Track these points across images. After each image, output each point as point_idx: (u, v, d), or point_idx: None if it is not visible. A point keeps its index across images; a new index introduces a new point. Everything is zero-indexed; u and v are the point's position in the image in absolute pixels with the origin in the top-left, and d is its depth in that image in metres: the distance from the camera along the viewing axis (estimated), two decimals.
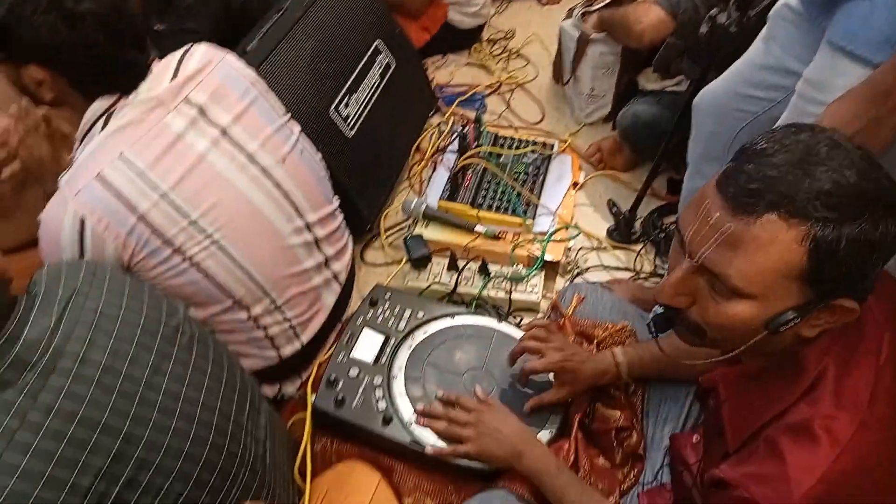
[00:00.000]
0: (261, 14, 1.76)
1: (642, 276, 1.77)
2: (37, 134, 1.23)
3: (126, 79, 1.15)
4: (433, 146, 2.07)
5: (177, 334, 0.96)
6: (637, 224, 1.87)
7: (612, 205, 1.93)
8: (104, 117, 1.15)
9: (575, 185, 1.90)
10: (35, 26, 1.04)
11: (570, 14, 2.14)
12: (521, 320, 1.64)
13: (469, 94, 2.31)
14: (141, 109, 1.14)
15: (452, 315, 1.39)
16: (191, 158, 1.16)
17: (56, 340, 0.84)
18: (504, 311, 1.64)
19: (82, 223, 1.07)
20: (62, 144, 1.30)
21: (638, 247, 1.85)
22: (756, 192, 0.71)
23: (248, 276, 1.23)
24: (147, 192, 1.10)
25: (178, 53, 1.23)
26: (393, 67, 1.97)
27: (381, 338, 1.33)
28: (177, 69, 1.19)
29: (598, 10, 1.96)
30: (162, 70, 1.18)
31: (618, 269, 1.80)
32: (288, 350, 1.34)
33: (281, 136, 1.30)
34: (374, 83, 1.90)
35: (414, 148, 2.06)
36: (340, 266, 1.44)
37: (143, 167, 1.10)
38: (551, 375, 1.23)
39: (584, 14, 2.03)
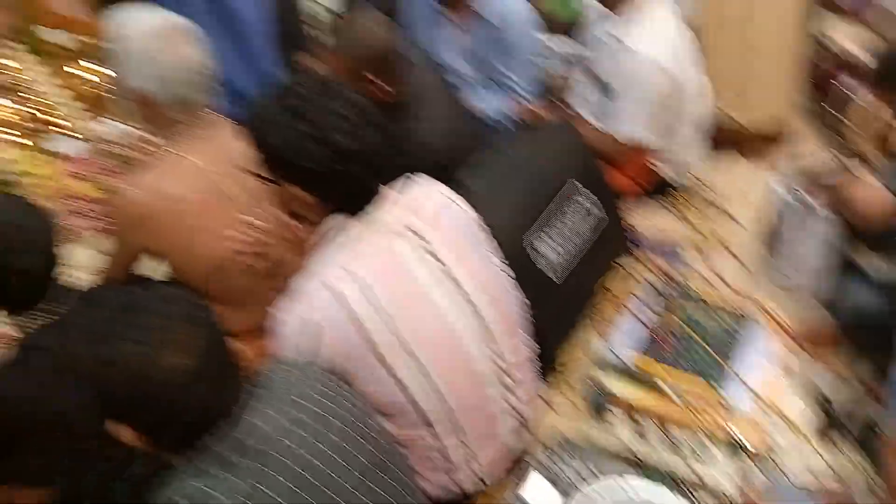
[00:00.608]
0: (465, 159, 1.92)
1: (851, 484, 1.59)
2: (287, 241, 1.41)
3: (364, 202, 1.30)
4: (623, 291, 2.07)
5: (372, 447, 1.02)
6: (849, 424, 1.70)
7: (821, 397, 1.76)
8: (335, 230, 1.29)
9: (777, 363, 1.79)
10: (308, 157, 1.19)
11: (784, 175, 2.08)
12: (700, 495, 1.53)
13: (665, 243, 2.30)
14: (368, 229, 1.27)
15: (628, 478, 1.34)
16: (405, 279, 1.26)
17: (277, 434, 0.93)
18: (686, 486, 1.54)
19: (307, 326, 1.19)
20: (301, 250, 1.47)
21: (849, 450, 1.66)
22: None
23: (438, 396, 1.28)
24: (365, 305, 1.20)
25: (401, 182, 1.35)
26: (590, 206, 2.02)
27: (551, 488, 1.32)
28: (400, 196, 1.32)
29: (820, 184, 1.90)
30: (387, 195, 1.31)
31: (823, 472, 1.60)
32: (463, 479, 1.36)
33: (486, 267, 1.38)
34: (570, 220, 1.95)
35: (601, 288, 2.07)
36: (522, 403, 1.46)
37: (366, 282, 1.21)
38: None
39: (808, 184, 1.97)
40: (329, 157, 1.19)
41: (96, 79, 2.64)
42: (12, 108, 2.46)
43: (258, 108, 1.24)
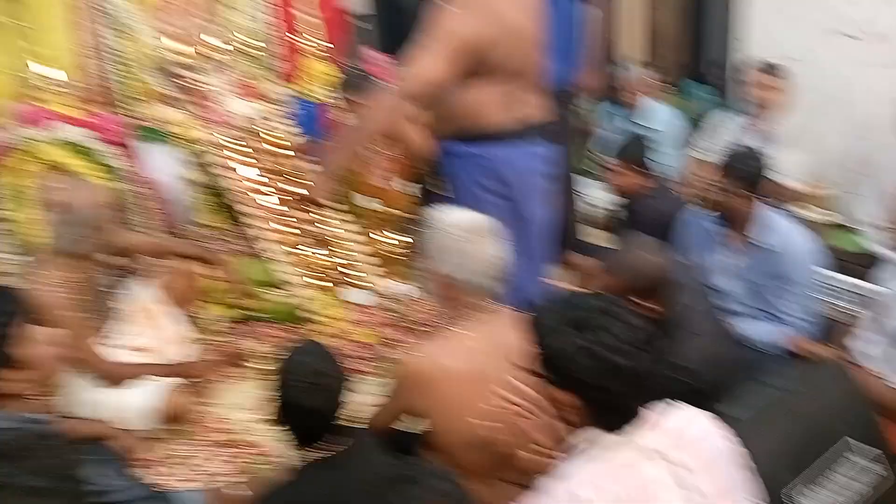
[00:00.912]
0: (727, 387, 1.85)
1: None
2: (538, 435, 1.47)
3: (623, 419, 1.30)
4: None
5: None
6: None
7: None
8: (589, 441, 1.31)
9: None
10: (581, 368, 1.25)
11: None
12: None
13: None
14: (621, 445, 1.27)
15: None
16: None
17: None
18: None
19: None
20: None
21: None
22: None
23: None
24: None
25: (662, 406, 1.34)
26: (868, 463, 1.80)
27: None
28: (659, 421, 1.31)
29: None
30: (647, 418, 1.30)
31: None
32: None
33: None
34: (840, 480, 1.76)
35: None
36: None
37: (608, 497, 1.22)
38: None
39: None
40: (600, 372, 1.24)
41: (395, 245, 3.08)
42: (323, 258, 2.92)
43: (545, 311, 1.35)
